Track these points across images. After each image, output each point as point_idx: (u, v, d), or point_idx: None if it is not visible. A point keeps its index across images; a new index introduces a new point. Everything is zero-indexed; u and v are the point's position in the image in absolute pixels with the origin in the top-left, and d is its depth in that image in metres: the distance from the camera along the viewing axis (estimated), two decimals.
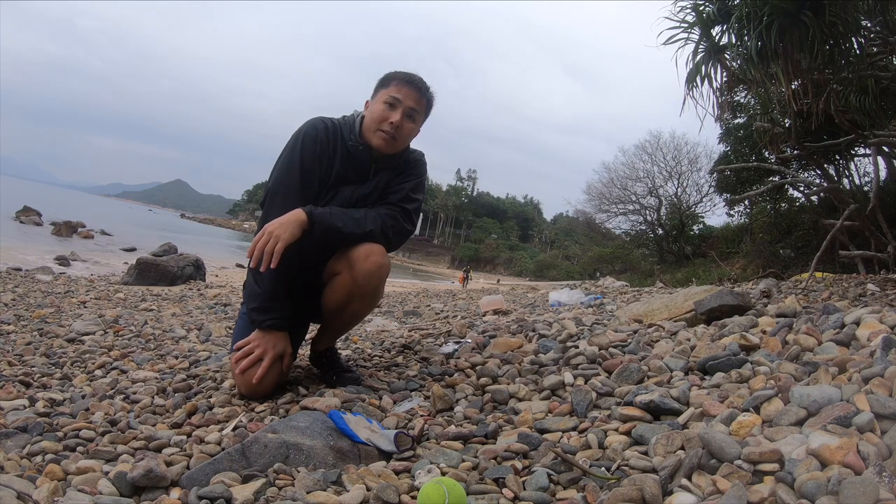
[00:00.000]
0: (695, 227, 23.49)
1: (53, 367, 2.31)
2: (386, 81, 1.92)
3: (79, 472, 1.26)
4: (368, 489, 1.16)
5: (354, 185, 1.94)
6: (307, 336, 2.22)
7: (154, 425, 1.62)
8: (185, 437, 1.50)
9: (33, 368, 2.24)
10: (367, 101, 1.98)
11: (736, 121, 10.21)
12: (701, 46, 3.52)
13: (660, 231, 23.87)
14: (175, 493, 1.20)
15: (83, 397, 1.90)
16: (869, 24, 3.51)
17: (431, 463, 1.29)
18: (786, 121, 6.20)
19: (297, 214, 1.74)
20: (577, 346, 2.08)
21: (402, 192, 1.97)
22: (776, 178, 8.87)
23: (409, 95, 1.89)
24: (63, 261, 10.48)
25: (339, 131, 1.94)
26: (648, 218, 24.75)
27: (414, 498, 1.14)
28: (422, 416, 1.65)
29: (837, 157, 7.60)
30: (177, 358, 2.50)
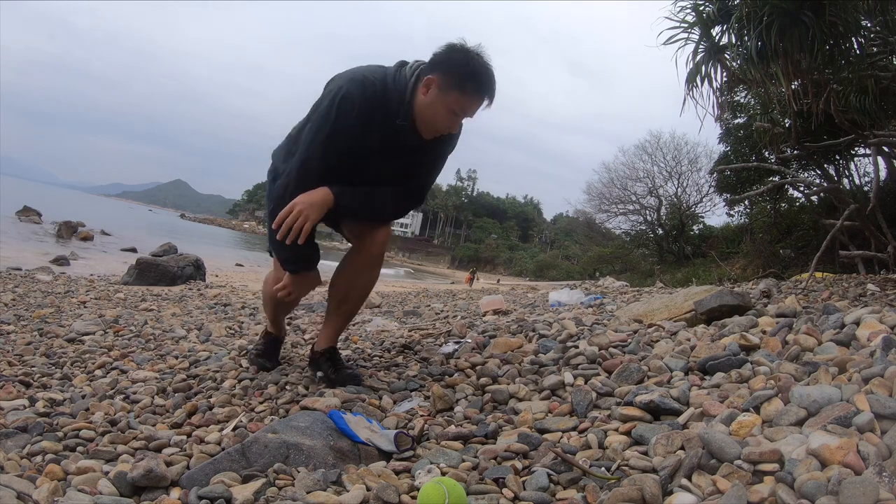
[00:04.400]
0: (695, 227, 23.48)
1: (53, 367, 2.31)
2: (462, 83, 1.70)
3: (79, 472, 1.26)
4: (368, 489, 1.16)
5: (384, 159, 1.86)
6: (308, 337, 2.23)
7: (154, 425, 1.62)
8: (185, 437, 1.50)
9: (33, 368, 2.24)
10: (428, 78, 1.74)
11: (736, 121, 10.20)
12: (701, 46, 3.52)
13: (660, 231, 23.86)
14: (175, 493, 1.20)
15: (83, 397, 1.90)
16: (869, 24, 3.51)
17: (431, 463, 1.29)
18: (786, 121, 6.20)
19: (326, 195, 1.75)
20: (577, 346, 2.08)
21: (426, 176, 1.99)
22: (776, 178, 8.86)
23: (478, 107, 1.77)
24: (63, 261, 10.47)
25: (386, 100, 1.76)
26: (648, 218, 24.76)
27: (414, 498, 1.14)
28: (422, 416, 1.65)
29: (837, 157, 7.61)
30: (177, 358, 2.49)
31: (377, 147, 1.82)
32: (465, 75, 1.70)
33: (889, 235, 4.77)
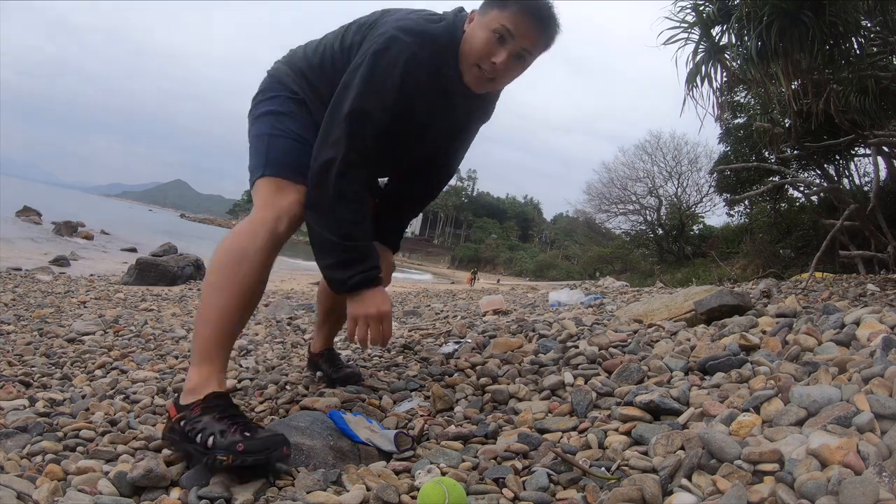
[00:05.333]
0: (695, 227, 23.49)
1: (53, 367, 2.30)
2: (504, 2, 1.43)
3: (79, 472, 1.26)
4: (368, 489, 1.16)
5: (429, 129, 1.61)
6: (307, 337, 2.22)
7: (154, 425, 1.62)
8: None
9: (33, 368, 2.24)
10: (473, 12, 1.52)
11: (736, 121, 10.21)
12: (701, 46, 3.53)
13: (660, 231, 23.87)
14: (175, 493, 1.20)
15: (83, 397, 1.90)
16: (869, 24, 3.51)
17: (431, 463, 1.29)
18: (786, 121, 6.21)
19: (382, 293, 1.50)
20: (577, 346, 2.08)
21: (452, 169, 1.88)
22: (776, 178, 8.87)
23: (528, 32, 1.43)
24: (63, 261, 10.47)
25: (447, 55, 1.49)
26: (648, 218, 24.77)
27: (414, 498, 1.14)
28: (422, 416, 1.65)
29: (837, 157, 7.61)
30: (177, 358, 2.50)
31: (422, 110, 1.55)
32: None
33: (889, 235, 4.77)
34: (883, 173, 5.76)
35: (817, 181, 7.92)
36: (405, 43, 1.44)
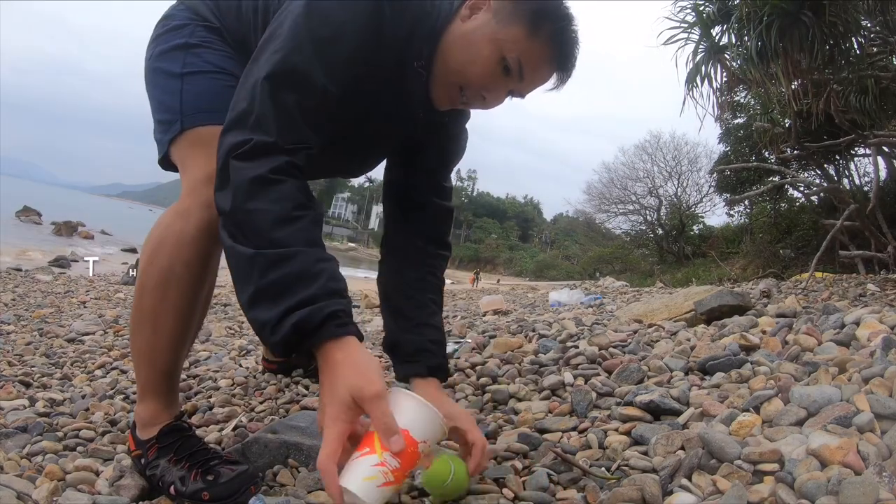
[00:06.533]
0: (695, 227, 23.53)
1: (53, 367, 2.30)
2: (535, 19, 1.02)
3: (77, 472, 1.26)
4: None
5: (382, 122, 1.16)
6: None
7: None
8: None
9: (33, 368, 2.24)
10: None
11: (736, 121, 10.23)
12: (701, 46, 3.53)
13: (660, 231, 23.91)
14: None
15: (83, 397, 1.90)
16: (869, 24, 3.52)
17: None
18: (786, 121, 6.21)
19: (361, 353, 0.88)
20: (577, 346, 2.08)
21: (444, 170, 1.37)
22: (776, 178, 8.89)
23: (542, 78, 1.10)
24: (62, 261, 10.47)
25: (412, 34, 1.05)
26: (648, 218, 24.81)
27: (414, 498, 1.14)
28: None
29: (837, 157, 7.62)
30: None
31: (372, 102, 1.12)
32: (543, 12, 1.04)
33: (889, 235, 4.78)
34: (883, 173, 5.77)
35: (817, 181, 7.93)
36: None
